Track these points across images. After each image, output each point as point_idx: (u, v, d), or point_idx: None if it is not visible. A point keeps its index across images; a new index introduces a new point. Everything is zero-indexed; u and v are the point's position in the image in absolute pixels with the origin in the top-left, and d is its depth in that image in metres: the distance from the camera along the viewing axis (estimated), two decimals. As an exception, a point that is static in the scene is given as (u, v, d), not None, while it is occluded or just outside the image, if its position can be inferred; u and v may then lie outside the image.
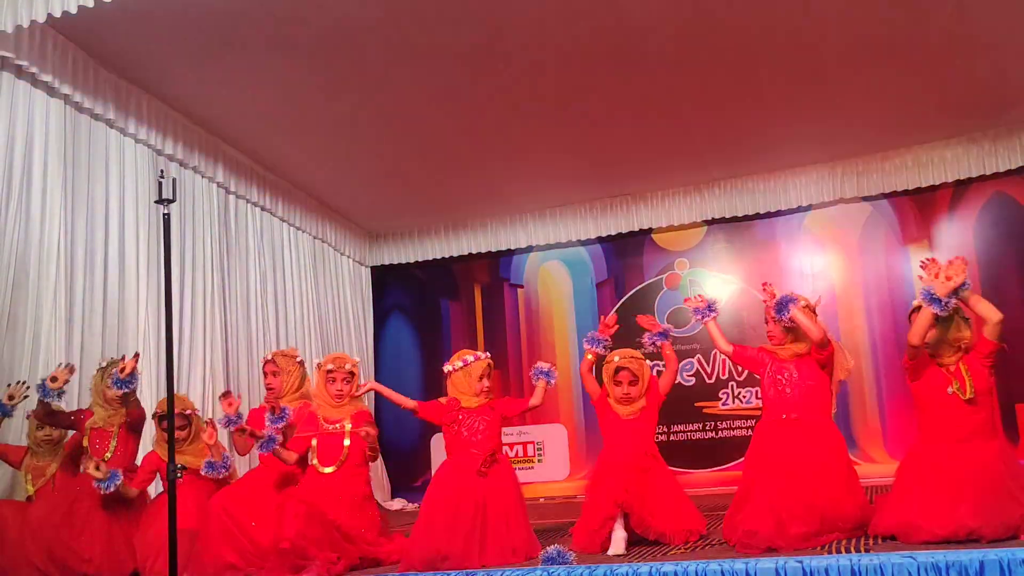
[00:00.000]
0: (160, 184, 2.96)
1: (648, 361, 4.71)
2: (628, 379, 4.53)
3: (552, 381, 4.63)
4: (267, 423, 4.48)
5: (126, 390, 4.54)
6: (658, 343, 4.78)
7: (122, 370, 4.50)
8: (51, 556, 4.29)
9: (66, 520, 4.44)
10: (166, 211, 3.07)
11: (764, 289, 4.30)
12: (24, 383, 4.76)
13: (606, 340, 4.73)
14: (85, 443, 4.62)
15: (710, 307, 4.47)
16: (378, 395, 9.69)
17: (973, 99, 7.23)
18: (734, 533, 3.92)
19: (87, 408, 4.83)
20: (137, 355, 4.65)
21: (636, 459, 4.36)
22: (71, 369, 4.67)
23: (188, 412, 4.79)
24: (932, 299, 3.76)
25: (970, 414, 3.80)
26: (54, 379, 4.53)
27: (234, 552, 4.19)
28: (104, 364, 4.83)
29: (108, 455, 4.59)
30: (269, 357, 5.04)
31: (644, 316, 4.93)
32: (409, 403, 4.54)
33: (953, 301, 3.78)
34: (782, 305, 4.14)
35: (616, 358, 4.59)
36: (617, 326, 4.80)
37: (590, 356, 4.71)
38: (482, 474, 4.19)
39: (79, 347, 5.46)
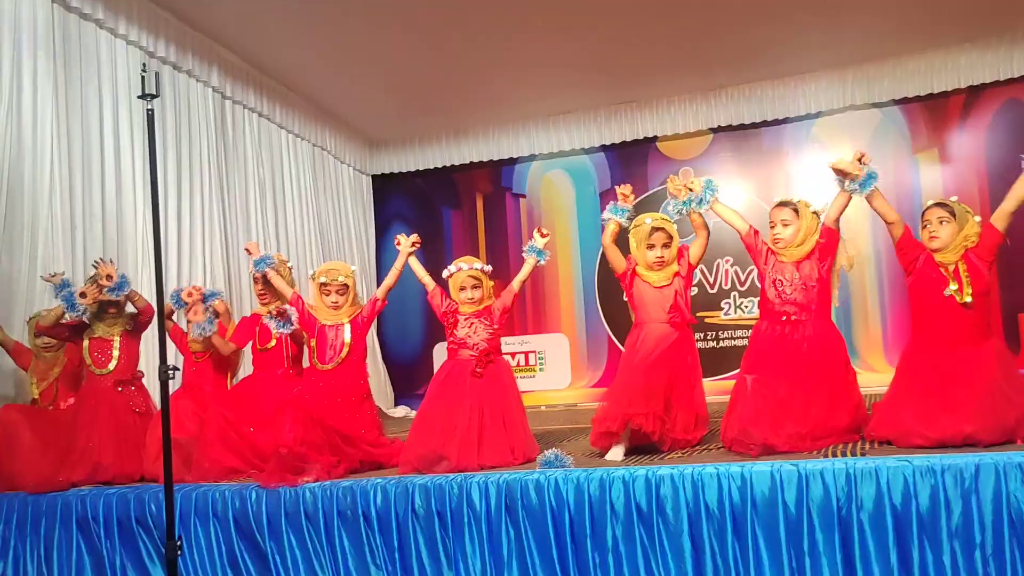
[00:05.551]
0: (143, 78, 2.86)
1: None
2: (662, 241, 4.33)
3: (543, 260, 4.45)
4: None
5: (120, 296, 4.54)
6: (684, 211, 4.32)
7: (108, 277, 4.45)
8: (65, 462, 4.32)
9: (79, 426, 4.44)
10: (150, 107, 2.97)
11: (862, 160, 3.91)
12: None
13: (629, 209, 4.47)
14: (85, 355, 4.62)
15: (705, 194, 4.23)
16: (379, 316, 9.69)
17: (989, 2, 6.99)
18: (729, 433, 3.88)
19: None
20: (101, 262, 4.54)
21: (671, 343, 4.26)
22: (97, 285, 4.46)
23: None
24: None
25: (966, 316, 3.72)
26: (83, 295, 4.41)
27: (234, 456, 4.25)
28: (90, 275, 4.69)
29: (112, 364, 4.58)
30: None
31: (675, 178, 4.44)
32: (428, 282, 4.47)
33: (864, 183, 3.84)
34: (869, 178, 3.85)
35: (648, 220, 4.36)
36: (633, 196, 4.52)
37: (613, 227, 4.45)
38: (477, 375, 4.20)
39: (81, 253, 5.44)
